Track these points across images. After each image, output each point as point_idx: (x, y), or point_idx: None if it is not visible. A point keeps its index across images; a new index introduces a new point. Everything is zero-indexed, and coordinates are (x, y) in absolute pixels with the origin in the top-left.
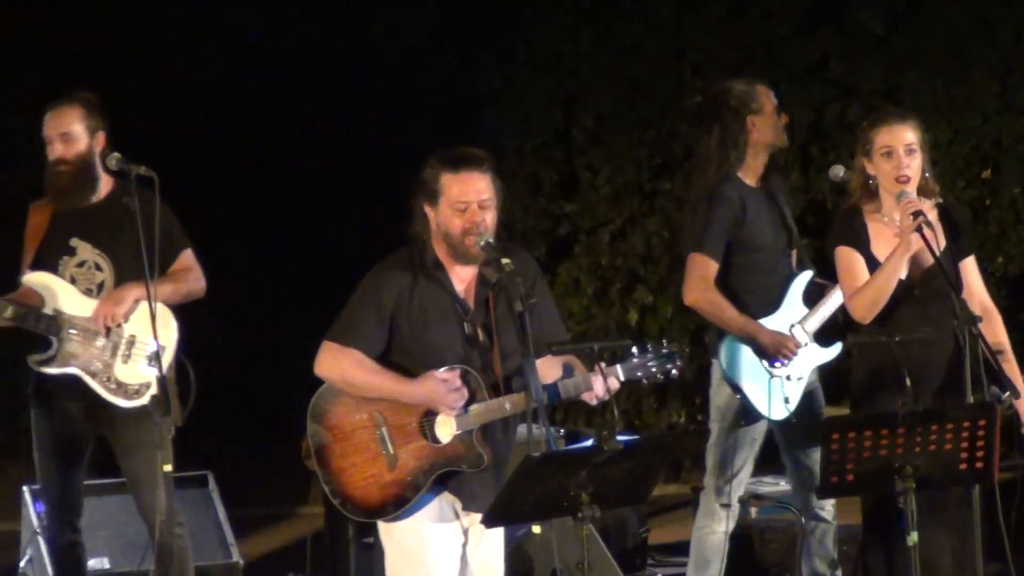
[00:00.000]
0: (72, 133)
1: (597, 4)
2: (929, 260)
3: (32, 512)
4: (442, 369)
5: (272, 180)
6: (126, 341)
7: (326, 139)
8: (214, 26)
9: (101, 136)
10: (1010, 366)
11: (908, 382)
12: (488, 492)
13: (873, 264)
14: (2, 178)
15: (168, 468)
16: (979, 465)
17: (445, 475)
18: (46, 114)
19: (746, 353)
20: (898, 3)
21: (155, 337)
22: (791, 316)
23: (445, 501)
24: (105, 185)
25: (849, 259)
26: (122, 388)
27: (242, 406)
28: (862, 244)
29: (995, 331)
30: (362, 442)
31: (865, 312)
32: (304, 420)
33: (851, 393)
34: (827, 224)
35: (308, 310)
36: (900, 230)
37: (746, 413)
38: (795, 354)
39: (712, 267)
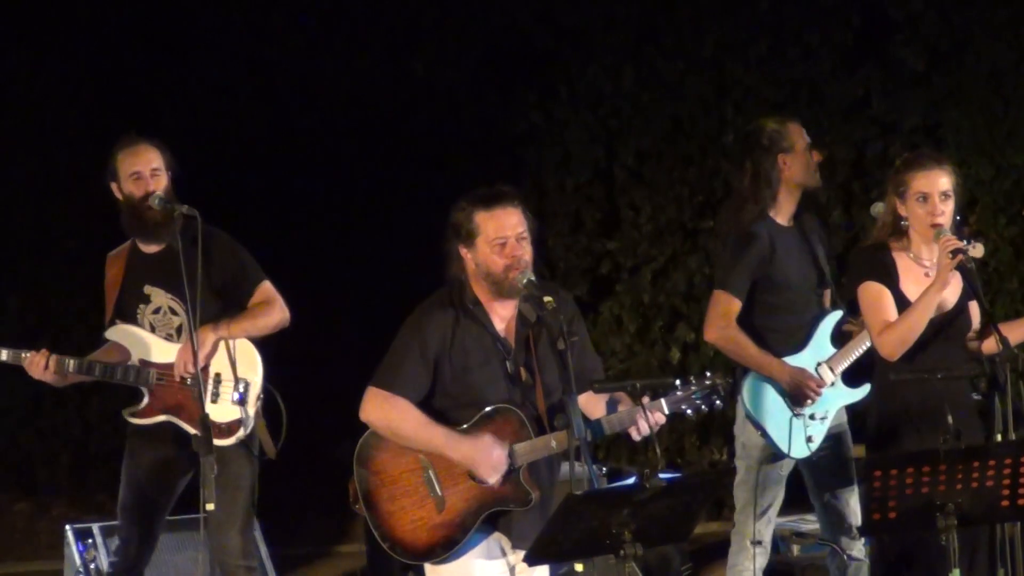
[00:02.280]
0: (159, 169)
1: (638, 42)
2: (952, 300)
3: (75, 551)
4: (488, 436)
5: (316, 220)
6: (212, 380)
7: (369, 178)
8: (256, 65)
9: (169, 177)
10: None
11: (950, 419)
12: (536, 529)
13: (902, 300)
14: (46, 211)
15: (211, 507)
16: (1022, 502)
17: (493, 514)
18: (126, 149)
19: (768, 391)
20: (939, 41)
21: (196, 368)
22: (818, 355)
23: (493, 539)
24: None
25: (877, 294)
26: (214, 427)
27: (285, 445)
28: (891, 280)
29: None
30: (410, 485)
31: (894, 349)
32: (347, 459)
33: (867, 433)
34: None
35: (350, 347)
36: (937, 267)
37: (771, 451)
38: (818, 393)
39: (735, 305)
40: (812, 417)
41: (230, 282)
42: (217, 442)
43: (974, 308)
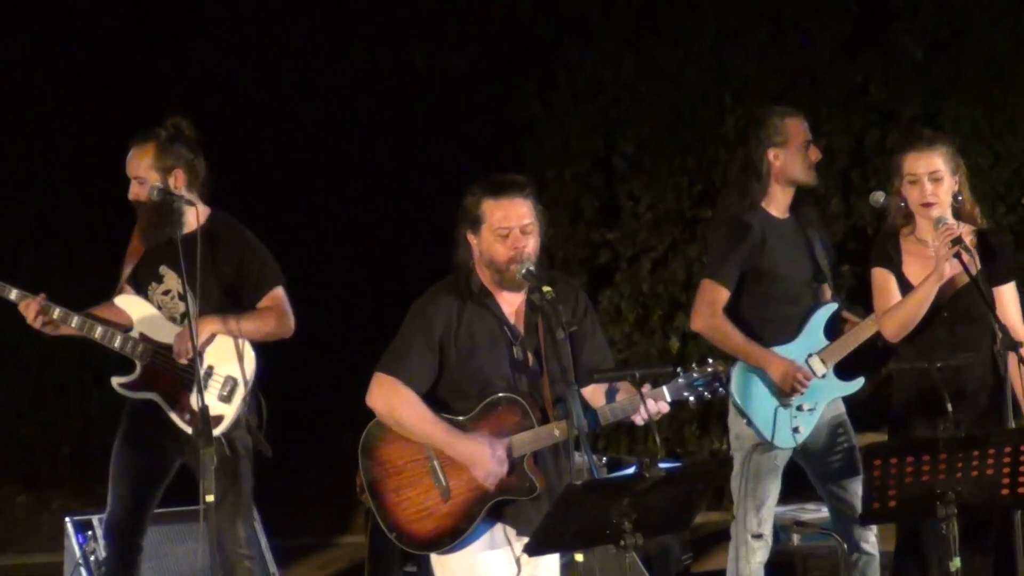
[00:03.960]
0: (143, 177)
1: (637, 31)
2: (962, 283)
3: (75, 543)
4: (492, 443)
5: (315, 208)
6: (204, 371)
7: (367, 168)
8: (256, 55)
9: (179, 174)
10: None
11: (949, 407)
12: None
13: (904, 284)
14: (49, 202)
15: (211, 498)
16: (1021, 491)
17: (499, 503)
18: (128, 150)
19: (755, 380)
20: (938, 29)
21: (196, 368)
22: (810, 346)
23: (499, 529)
24: (199, 216)
25: (883, 279)
26: (194, 418)
27: (286, 436)
28: (895, 265)
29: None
30: (415, 475)
31: (894, 333)
32: (350, 450)
33: (889, 420)
34: (868, 250)
35: (354, 337)
36: (936, 256)
37: (762, 440)
38: (805, 385)
39: (722, 294)
40: (800, 408)
41: (239, 280)
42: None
43: (1003, 292)
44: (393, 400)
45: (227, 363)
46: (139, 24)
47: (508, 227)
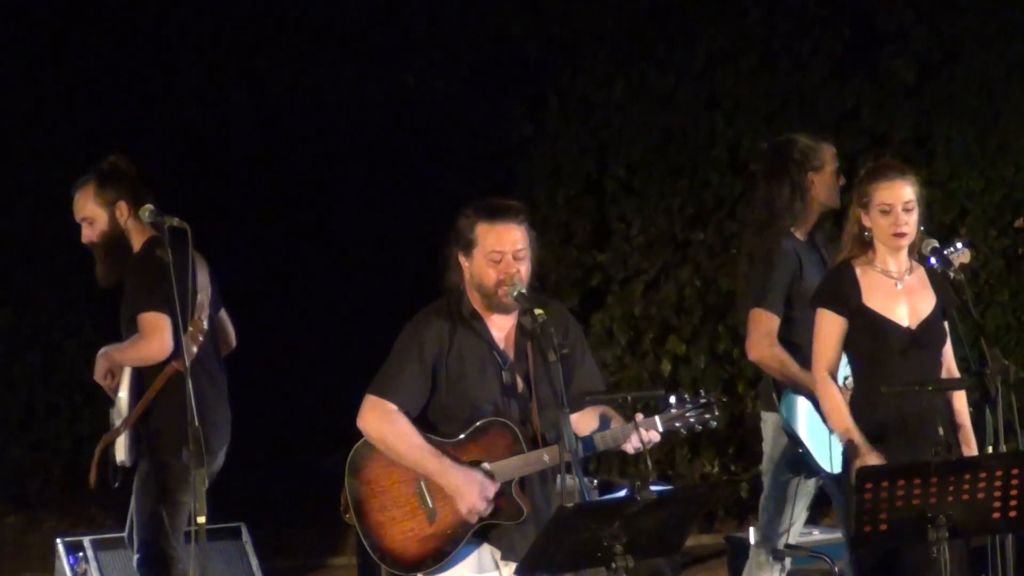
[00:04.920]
0: (90, 216)
1: (629, 54)
2: (926, 310)
3: (66, 565)
4: (482, 480)
5: (306, 228)
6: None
7: (359, 188)
8: (247, 76)
9: (123, 205)
10: (967, 437)
11: (940, 431)
12: (527, 543)
13: (866, 315)
14: (40, 222)
15: (202, 520)
16: (1012, 514)
17: (485, 526)
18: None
19: (807, 407)
20: (929, 52)
21: (188, 392)
22: (844, 369)
23: (484, 551)
24: (138, 240)
25: (822, 322)
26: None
27: (276, 457)
28: (851, 299)
29: (959, 397)
30: (401, 496)
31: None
32: (339, 471)
33: (845, 450)
34: None
35: (342, 359)
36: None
37: (803, 466)
38: None
39: (775, 322)
40: None
41: (183, 297)
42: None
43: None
44: (384, 426)
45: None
46: (130, 44)
47: (501, 252)
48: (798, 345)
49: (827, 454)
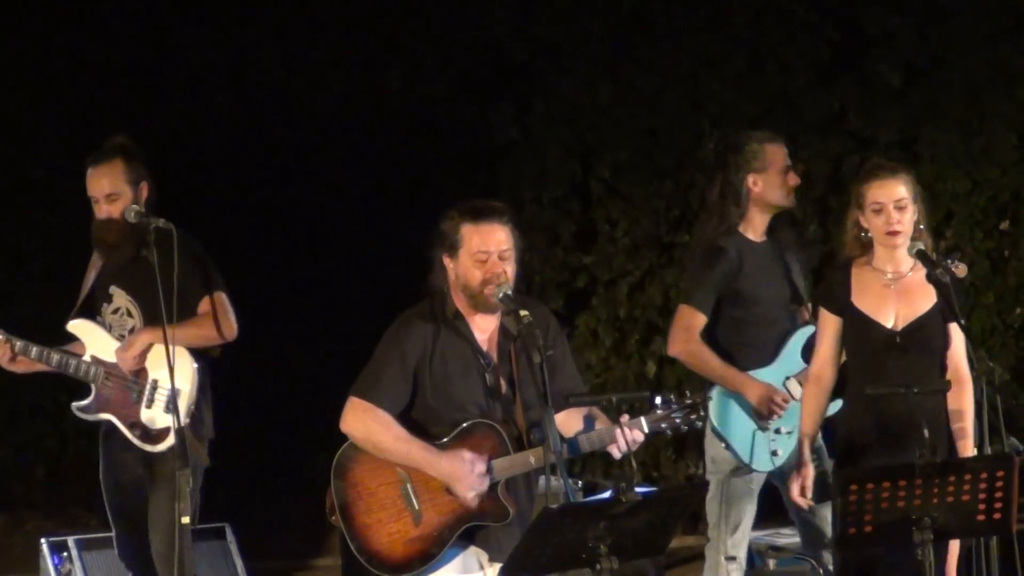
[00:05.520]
0: (117, 192)
1: (615, 56)
2: (918, 312)
3: (50, 565)
4: (469, 454)
5: (291, 231)
6: (149, 386)
7: (344, 191)
8: (233, 80)
9: (144, 186)
10: (964, 441)
11: (926, 433)
12: (513, 544)
13: (853, 314)
14: (23, 229)
15: (186, 520)
16: (997, 516)
17: (471, 528)
18: (87, 170)
19: (733, 404)
20: (915, 56)
21: (172, 382)
22: (787, 370)
23: (470, 553)
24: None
25: (823, 323)
26: (146, 432)
27: (261, 458)
28: (841, 297)
29: (960, 399)
30: (387, 498)
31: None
32: (324, 472)
33: (835, 448)
34: None
35: (327, 361)
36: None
37: (739, 464)
38: (783, 408)
39: (698, 319)
40: (778, 431)
41: (183, 288)
42: (149, 448)
43: (953, 330)
44: (369, 423)
45: (171, 374)
46: (114, 46)
47: (487, 252)
48: (739, 343)
49: (749, 450)
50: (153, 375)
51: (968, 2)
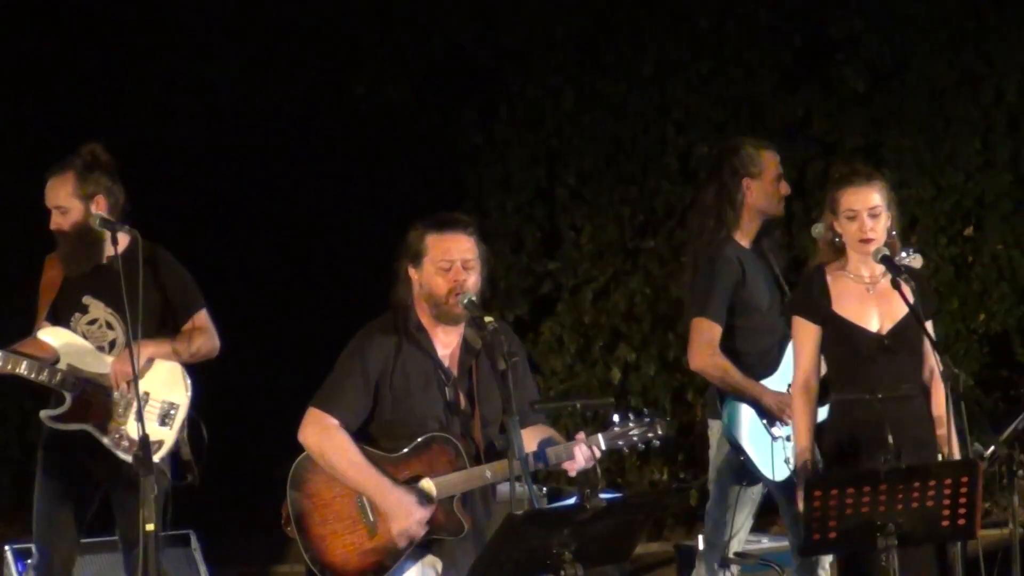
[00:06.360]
0: (64, 206)
1: (579, 63)
2: (899, 315)
3: (15, 572)
4: (418, 504)
5: (254, 237)
6: (141, 398)
7: (308, 196)
8: (195, 83)
9: (100, 200)
10: (951, 448)
11: (890, 439)
12: (469, 558)
13: (835, 322)
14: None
15: (151, 527)
16: (961, 522)
17: (426, 541)
18: (46, 182)
19: (749, 415)
20: (880, 61)
21: (136, 395)
22: (788, 376)
23: (426, 565)
24: (120, 243)
25: (798, 330)
26: (133, 445)
27: (225, 465)
28: (822, 306)
29: (941, 403)
30: (342, 510)
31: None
32: (286, 479)
33: (824, 453)
34: None
35: (291, 368)
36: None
37: (746, 473)
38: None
39: (717, 331)
40: (788, 439)
41: (170, 303)
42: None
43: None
44: (324, 441)
45: (163, 388)
46: (79, 51)
47: (450, 260)
48: (744, 353)
49: (768, 461)
50: (144, 388)
51: (932, 8)
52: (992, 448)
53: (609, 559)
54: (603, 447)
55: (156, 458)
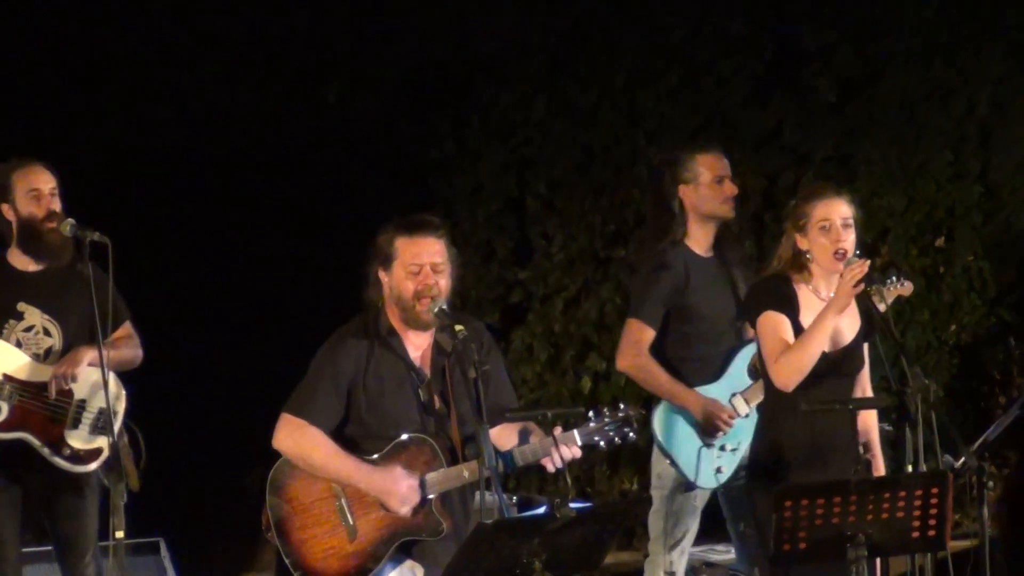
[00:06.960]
0: (56, 191)
1: (550, 72)
2: (848, 337)
3: None
4: (400, 469)
5: (225, 244)
6: (75, 406)
7: (278, 204)
8: (167, 91)
9: (4, 208)
10: (877, 459)
11: (861, 449)
12: (449, 558)
13: (801, 332)
14: None
15: (120, 535)
16: (931, 533)
17: (408, 541)
18: (16, 171)
19: (679, 420)
20: (851, 72)
21: (107, 402)
22: (733, 386)
23: (407, 567)
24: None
25: (775, 323)
26: (73, 453)
27: (195, 472)
28: (793, 310)
29: (866, 419)
30: (322, 514)
31: (788, 379)
32: (258, 486)
33: (751, 464)
34: None
35: (262, 374)
36: (837, 291)
37: (684, 480)
38: (729, 424)
39: (647, 333)
40: (723, 448)
41: (115, 310)
42: (74, 468)
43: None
44: (301, 440)
45: (97, 395)
46: (51, 58)
47: (420, 263)
48: (686, 359)
49: (694, 467)
50: (79, 396)
51: (904, 19)
52: (962, 459)
53: (579, 569)
54: (579, 443)
55: (93, 466)
